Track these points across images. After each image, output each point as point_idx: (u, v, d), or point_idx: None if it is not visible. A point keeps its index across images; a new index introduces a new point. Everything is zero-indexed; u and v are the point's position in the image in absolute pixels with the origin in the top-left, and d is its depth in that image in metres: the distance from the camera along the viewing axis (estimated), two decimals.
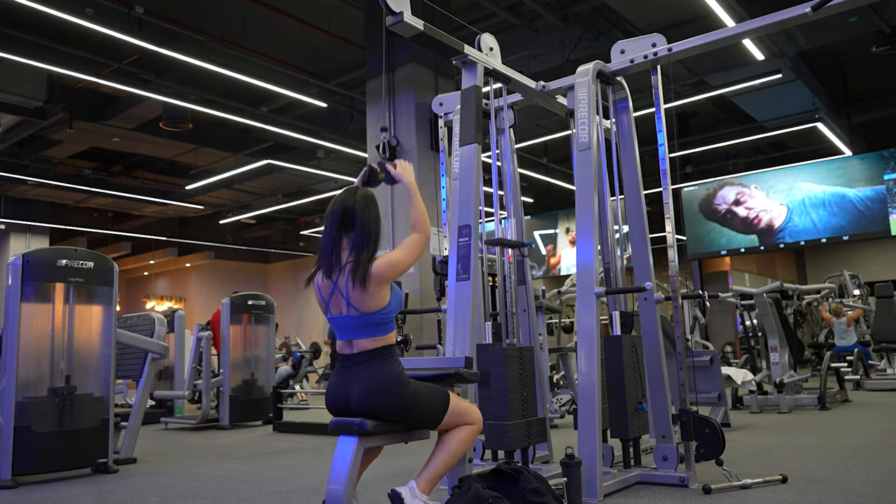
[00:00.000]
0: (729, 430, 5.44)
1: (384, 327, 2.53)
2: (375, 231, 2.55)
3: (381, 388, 2.47)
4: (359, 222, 2.52)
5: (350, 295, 2.48)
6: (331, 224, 2.55)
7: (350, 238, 2.53)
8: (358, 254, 2.49)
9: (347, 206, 2.55)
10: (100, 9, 7.25)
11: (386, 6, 3.20)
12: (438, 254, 6.20)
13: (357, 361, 2.51)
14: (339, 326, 2.54)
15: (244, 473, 4.45)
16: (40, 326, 4.46)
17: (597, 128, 3.72)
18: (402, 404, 2.48)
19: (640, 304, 3.82)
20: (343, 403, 2.51)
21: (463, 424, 2.59)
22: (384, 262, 2.51)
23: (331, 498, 2.44)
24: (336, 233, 2.54)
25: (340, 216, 2.53)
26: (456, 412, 2.58)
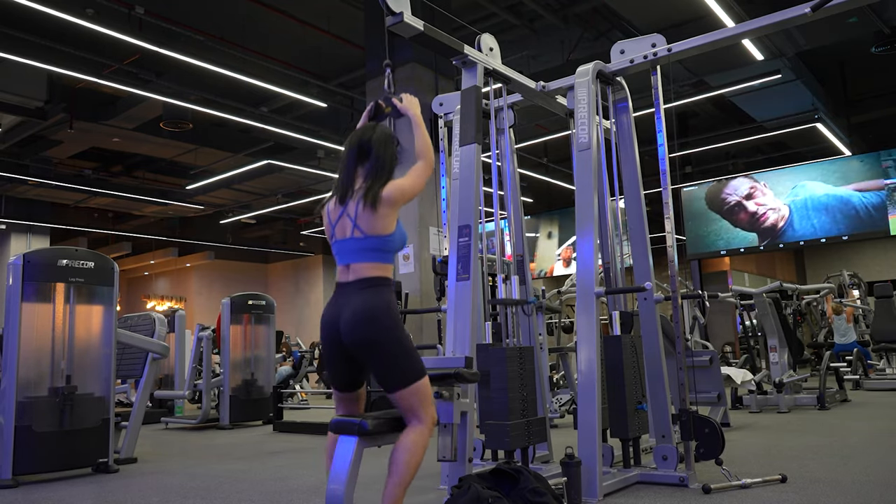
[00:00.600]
0: (728, 429, 5.45)
1: (385, 255, 2.54)
2: (390, 165, 2.62)
3: (370, 315, 2.42)
4: (374, 154, 2.60)
5: (358, 217, 2.51)
6: (348, 156, 2.63)
7: (365, 168, 2.60)
8: (372, 181, 2.55)
9: (365, 139, 2.63)
10: (100, 9, 7.25)
11: (386, 6, 3.20)
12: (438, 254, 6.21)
13: (353, 288, 2.49)
14: (341, 250, 2.55)
15: (244, 473, 4.46)
16: (41, 326, 4.47)
17: (597, 128, 3.73)
18: (385, 340, 2.41)
19: (640, 304, 3.83)
20: (333, 329, 2.49)
21: (416, 412, 2.44)
22: (394, 186, 2.56)
23: (331, 498, 2.45)
24: (353, 163, 2.61)
25: (358, 148, 2.62)
26: (422, 394, 2.46)
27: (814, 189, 12.14)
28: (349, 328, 2.42)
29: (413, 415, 2.44)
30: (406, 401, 2.43)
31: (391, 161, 2.65)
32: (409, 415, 2.45)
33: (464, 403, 2.99)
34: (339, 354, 2.50)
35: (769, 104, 10.37)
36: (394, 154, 2.69)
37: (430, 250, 7.06)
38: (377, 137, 2.66)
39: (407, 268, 7.07)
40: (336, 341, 2.48)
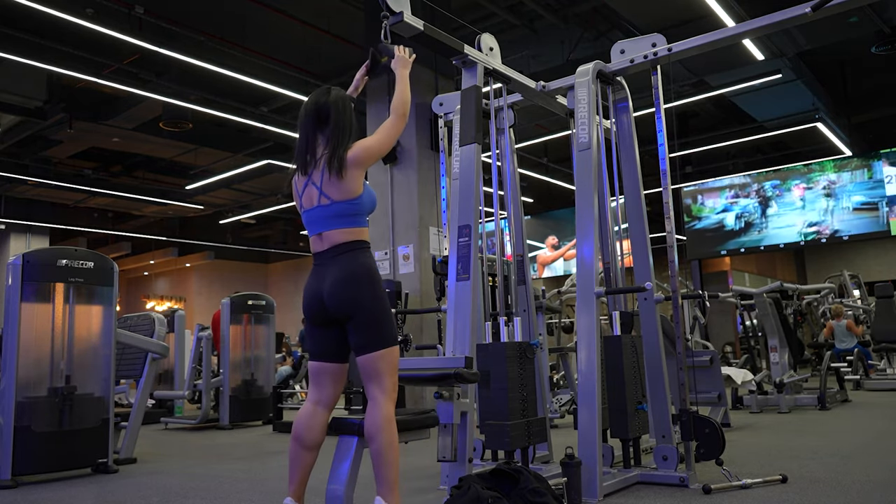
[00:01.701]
0: (729, 430, 5.44)
1: (356, 219, 2.49)
2: (350, 126, 2.53)
3: (350, 278, 2.40)
4: (333, 118, 2.50)
5: (324, 184, 2.46)
6: (305, 123, 2.54)
7: (325, 134, 2.51)
8: (334, 147, 2.47)
9: (321, 102, 2.53)
10: (100, 9, 7.24)
11: (386, 6, 3.20)
12: (438, 254, 6.21)
13: (329, 257, 2.45)
14: (311, 220, 2.52)
15: (244, 473, 4.45)
16: (40, 326, 4.46)
17: (597, 128, 3.72)
18: (367, 300, 2.39)
19: (640, 304, 3.82)
20: (318, 303, 2.45)
21: (380, 380, 2.41)
22: (359, 147, 2.49)
23: (331, 498, 2.44)
24: (310, 130, 2.53)
25: (315, 113, 2.52)
26: (390, 361, 2.42)
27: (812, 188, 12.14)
28: (331, 294, 2.40)
29: (377, 384, 2.40)
30: (374, 365, 2.39)
31: (351, 122, 2.55)
32: (373, 384, 2.41)
33: (464, 403, 2.99)
34: (323, 324, 2.47)
35: (769, 104, 10.37)
36: (352, 115, 2.57)
37: (430, 250, 7.06)
38: (333, 100, 2.54)
39: (407, 268, 7.07)
40: (321, 312, 2.45)
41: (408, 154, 7.26)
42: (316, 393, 2.52)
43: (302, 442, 2.48)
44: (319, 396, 2.52)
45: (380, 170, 7.45)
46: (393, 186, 7.31)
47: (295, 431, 2.49)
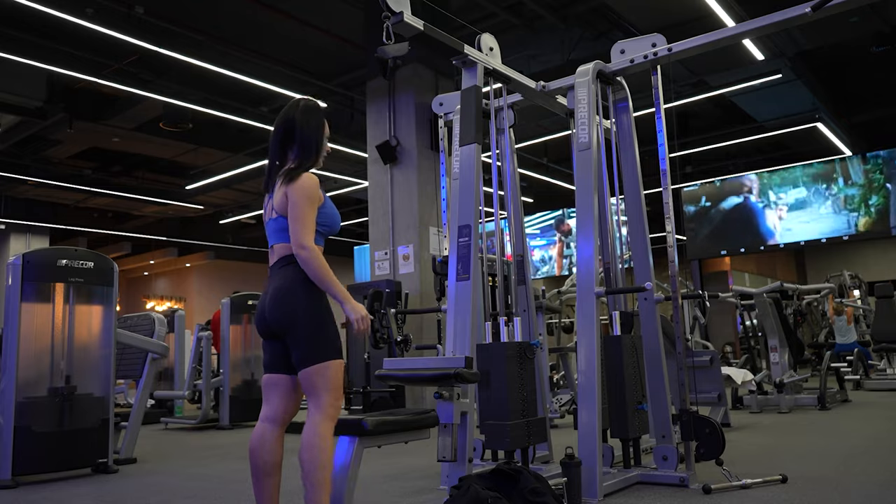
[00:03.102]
0: (729, 430, 5.44)
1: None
2: (317, 140, 2.51)
3: (288, 289, 2.35)
4: (297, 133, 2.48)
5: (275, 197, 2.45)
6: (272, 139, 2.53)
7: (293, 150, 2.49)
8: (298, 161, 2.46)
9: (288, 117, 2.52)
10: (100, 9, 7.24)
11: (386, 6, 3.20)
12: (438, 254, 6.21)
13: (275, 269, 2.44)
14: (267, 233, 2.52)
15: (244, 473, 4.45)
16: (40, 326, 4.46)
17: (597, 128, 3.72)
18: (301, 313, 2.32)
19: (640, 304, 3.82)
20: (261, 316, 2.43)
21: (317, 394, 2.32)
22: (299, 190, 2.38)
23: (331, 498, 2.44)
24: (276, 147, 2.51)
25: (283, 130, 2.51)
26: (327, 376, 2.32)
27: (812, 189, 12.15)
28: (271, 306, 2.37)
29: (313, 400, 2.33)
30: (310, 380, 2.32)
31: (317, 134, 2.51)
32: (310, 400, 2.34)
33: (464, 403, 2.99)
34: (269, 336, 2.44)
35: (769, 104, 10.37)
36: (318, 125, 2.53)
37: (430, 250, 7.06)
38: (299, 113, 2.51)
39: (407, 268, 7.07)
40: (263, 325, 2.43)
41: (408, 154, 7.26)
42: (265, 409, 2.46)
43: (258, 468, 2.38)
44: (268, 412, 2.44)
45: (380, 170, 7.45)
46: (393, 186, 7.31)
47: (250, 458, 2.40)
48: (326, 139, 2.58)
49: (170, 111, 9.46)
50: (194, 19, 7.93)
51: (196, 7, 7.80)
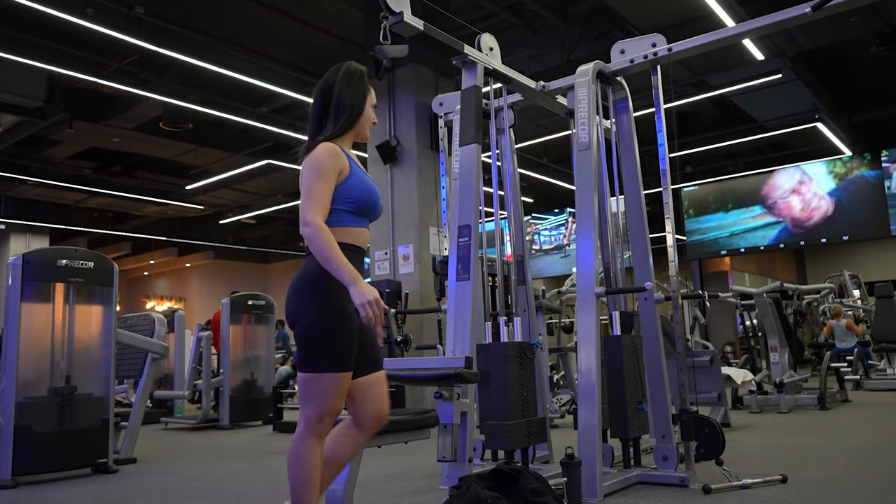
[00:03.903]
0: (729, 430, 5.44)
1: (329, 216, 2.13)
2: (353, 105, 2.26)
3: (295, 285, 2.12)
4: (334, 101, 2.26)
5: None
6: (311, 109, 2.31)
7: (330, 120, 2.25)
8: (330, 132, 2.22)
9: (327, 83, 2.29)
10: (100, 9, 7.24)
11: (386, 6, 3.20)
12: (438, 254, 6.21)
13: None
14: None
15: (244, 473, 4.45)
16: (40, 326, 4.46)
17: (597, 128, 3.72)
18: (301, 314, 2.08)
19: (640, 304, 3.82)
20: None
21: (302, 406, 2.10)
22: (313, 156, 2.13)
23: (331, 498, 2.44)
24: (315, 117, 2.28)
25: (320, 99, 2.29)
26: (312, 388, 2.06)
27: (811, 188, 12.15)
28: (286, 300, 2.17)
29: (301, 408, 2.11)
30: (300, 387, 2.10)
31: (354, 100, 2.26)
32: (300, 408, 2.13)
33: (464, 403, 2.99)
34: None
35: (769, 104, 10.36)
36: (357, 91, 2.28)
37: (430, 250, 7.06)
38: (340, 77, 2.28)
39: (407, 268, 7.07)
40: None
41: (408, 154, 7.26)
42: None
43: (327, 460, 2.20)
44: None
45: (380, 170, 7.45)
46: (393, 186, 7.31)
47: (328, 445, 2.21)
48: (371, 107, 2.32)
49: (170, 111, 9.46)
50: (194, 19, 7.93)
51: (196, 7, 7.80)
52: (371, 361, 2.21)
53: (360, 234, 2.19)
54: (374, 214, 2.25)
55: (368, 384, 2.19)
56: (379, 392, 2.21)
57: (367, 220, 2.23)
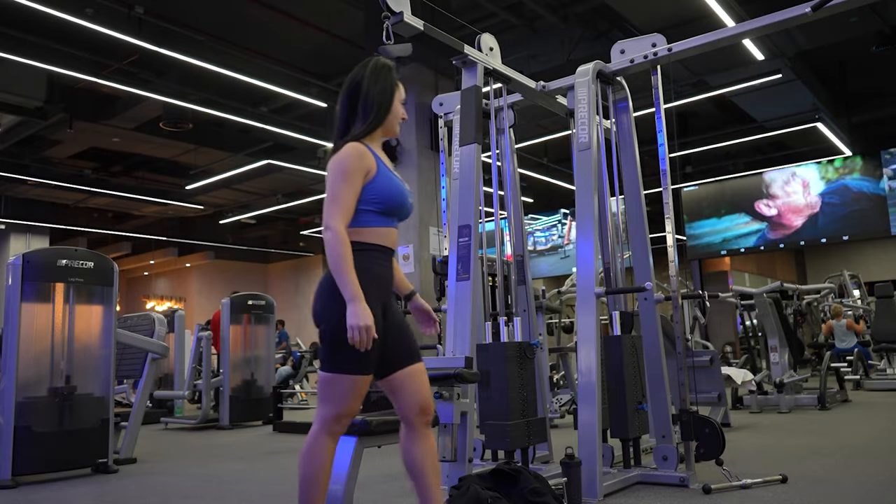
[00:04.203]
0: (729, 430, 5.44)
1: (355, 217, 2.10)
2: (381, 103, 2.21)
3: (322, 283, 2.09)
4: (362, 98, 2.21)
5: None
6: (338, 108, 2.26)
7: (358, 119, 2.21)
8: (357, 131, 2.18)
9: (354, 80, 2.23)
10: (100, 9, 7.24)
11: (386, 6, 3.20)
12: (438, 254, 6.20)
13: None
14: None
15: (244, 473, 4.45)
16: (40, 326, 4.46)
17: (597, 128, 3.72)
18: (322, 315, 2.06)
19: (640, 304, 3.82)
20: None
21: (318, 407, 2.09)
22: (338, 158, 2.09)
23: (331, 498, 2.44)
24: (342, 116, 2.23)
25: (347, 97, 2.23)
26: (328, 388, 2.06)
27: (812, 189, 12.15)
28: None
29: (318, 407, 2.10)
30: (319, 387, 2.10)
31: (382, 98, 2.21)
32: (318, 406, 2.11)
33: (464, 403, 2.99)
34: None
35: (769, 104, 10.36)
36: (386, 86, 2.22)
37: (430, 250, 7.06)
38: (368, 73, 2.22)
39: (407, 268, 7.07)
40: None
41: (408, 154, 7.26)
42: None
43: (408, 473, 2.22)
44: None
45: None
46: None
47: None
48: (400, 102, 2.26)
49: (170, 111, 9.45)
50: (194, 19, 7.93)
51: (196, 7, 7.80)
52: (407, 354, 2.19)
53: (387, 235, 2.17)
54: (403, 214, 2.21)
55: (407, 377, 2.17)
56: (419, 384, 2.18)
57: (395, 220, 2.20)
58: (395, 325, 2.20)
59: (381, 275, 2.15)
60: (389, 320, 2.17)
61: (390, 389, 2.19)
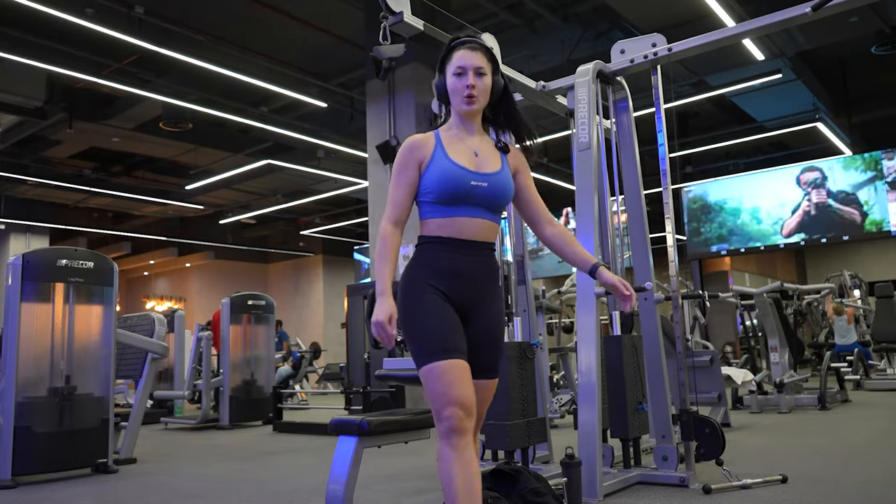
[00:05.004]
0: (729, 430, 5.44)
1: (419, 207, 2.06)
2: (439, 85, 2.08)
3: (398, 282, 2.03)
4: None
5: None
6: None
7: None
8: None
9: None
10: (100, 9, 7.24)
11: (386, 6, 3.19)
12: None
13: None
14: None
15: (244, 473, 4.45)
16: (40, 326, 4.46)
17: (597, 128, 3.72)
18: (400, 310, 1.96)
19: (640, 304, 3.82)
20: None
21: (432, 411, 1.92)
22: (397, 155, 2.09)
23: (331, 498, 2.44)
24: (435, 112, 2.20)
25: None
26: (427, 385, 1.89)
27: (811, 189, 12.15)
28: None
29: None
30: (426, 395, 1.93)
31: (439, 78, 2.08)
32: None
33: None
34: None
35: (769, 104, 10.36)
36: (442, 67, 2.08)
37: None
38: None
39: None
40: None
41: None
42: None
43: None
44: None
45: (379, 169, 7.45)
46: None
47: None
48: (455, 75, 2.02)
49: (169, 111, 9.46)
50: (194, 19, 7.93)
51: (196, 7, 7.80)
52: (479, 366, 1.97)
53: (449, 225, 1.99)
54: (468, 199, 1.99)
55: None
56: (477, 400, 1.94)
57: (462, 208, 1.99)
58: (481, 330, 2.00)
59: (447, 268, 1.97)
60: (475, 322, 1.99)
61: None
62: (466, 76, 2.01)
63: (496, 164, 2.05)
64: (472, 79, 2.01)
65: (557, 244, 2.13)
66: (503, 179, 2.04)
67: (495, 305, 2.05)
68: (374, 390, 6.31)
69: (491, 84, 2.06)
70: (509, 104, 2.13)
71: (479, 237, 2.02)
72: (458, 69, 2.02)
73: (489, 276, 2.04)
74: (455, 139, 2.05)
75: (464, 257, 1.99)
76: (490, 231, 2.05)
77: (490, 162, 2.04)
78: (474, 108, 2.04)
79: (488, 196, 2.00)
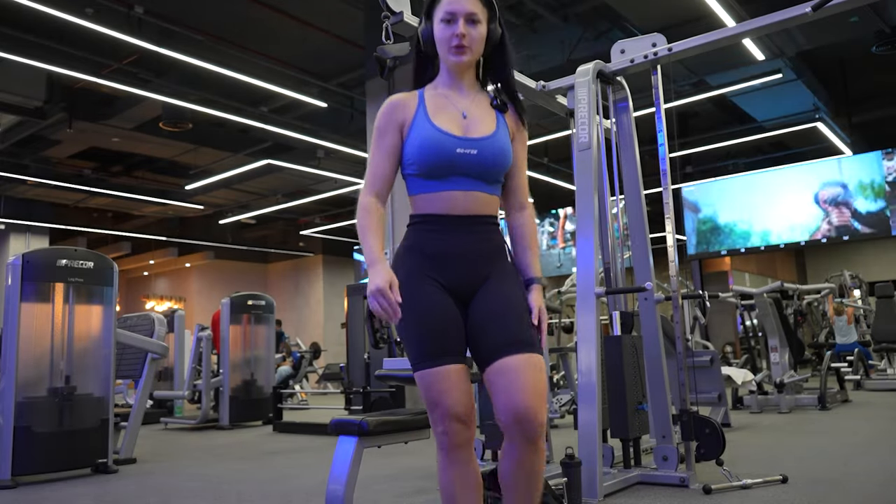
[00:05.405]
0: (729, 430, 5.44)
1: (406, 186, 1.83)
2: (423, 35, 1.88)
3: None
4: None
5: None
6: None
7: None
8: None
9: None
10: (100, 9, 7.24)
11: (386, 6, 3.19)
12: None
13: None
14: None
15: (244, 473, 4.45)
16: (40, 326, 4.46)
17: (597, 128, 3.72)
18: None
19: (640, 304, 3.82)
20: None
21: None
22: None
23: (331, 498, 2.44)
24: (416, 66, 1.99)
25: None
26: (424, 395, 1.71)
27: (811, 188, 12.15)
28: None
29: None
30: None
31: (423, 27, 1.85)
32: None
33: None
34: None
35: (769, 104, 10.36)
36: (426, 16, 1.86)
37: None
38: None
39: None
40: None
41: None
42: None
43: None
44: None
45: None
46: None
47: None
48: (443, 22, 1.76)
49: (169, 111, 9.45)
50: (194, 19, 7.93)
51: (196, 7, 7.80)
52: (502, 342, 1.68)
53: (437, 200, 1.76)
54: (455, 169, 1.74)
55: (497, 372, 1.68)
56: (511, 380, 1.65)
57: (451, 180, 1.75)
58: (488, 308, 1.72)
59: (438, 251, 1.75)
60: (479, 303, 1.73)
61: (487, 389, 1.73)
62: (456, 24, 1.73)
63: (489, 125, 1.78)
64: (462, 27, 1.73)
65: (515, 236, 1.90)
66: (497, 143, 1.76)
67: (505, 284, 1.76)
68: (374, 390, 6.31)
69: (486, 33, 1.78)
70: (503, 58, 1.84)
71: (474, 212, 1.76)
72: (447, 15, 1.74)
73: (491, 252, 1.78)
74: (441, 98, 1.80)
75: (457, 237, 1.74)
76: (487, 204, 1.78)
77: (482, 124, 1.77)
78: (463, 61, 1.76)
79: (479, 164, 1.74)
